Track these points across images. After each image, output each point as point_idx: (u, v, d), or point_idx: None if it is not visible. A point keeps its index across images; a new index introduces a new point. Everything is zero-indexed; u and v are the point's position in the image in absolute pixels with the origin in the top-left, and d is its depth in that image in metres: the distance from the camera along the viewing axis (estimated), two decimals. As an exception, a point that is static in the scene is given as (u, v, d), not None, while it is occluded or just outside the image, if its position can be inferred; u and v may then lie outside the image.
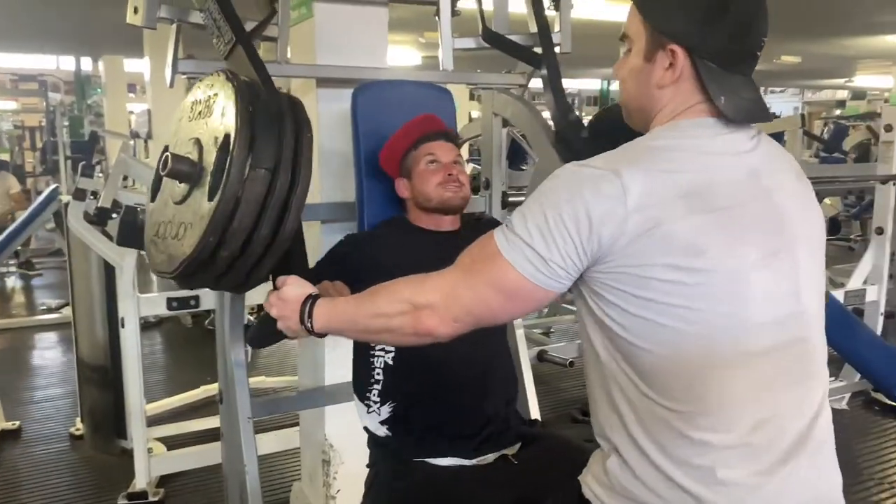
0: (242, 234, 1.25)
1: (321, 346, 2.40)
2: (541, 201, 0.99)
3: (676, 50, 1.02)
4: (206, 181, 1.29)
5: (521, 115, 2.28)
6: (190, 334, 5.32)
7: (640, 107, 1.09)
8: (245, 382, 2.01)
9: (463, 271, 1.06)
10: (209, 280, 1.35)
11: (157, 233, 1.41)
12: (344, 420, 2.44)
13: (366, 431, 1.71)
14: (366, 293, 1.18)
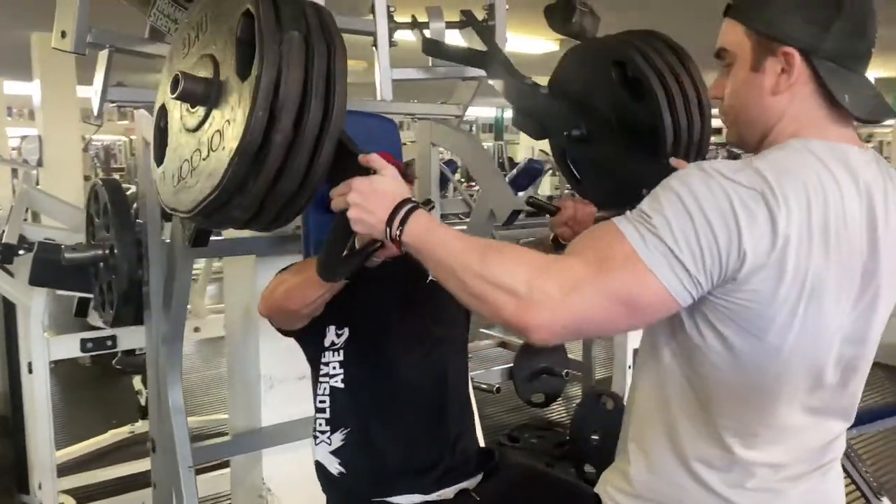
0: (293, 107, 1.10)
1: (257, 386, 2.30)
2: (685, 206, 0.89)
3: (791, 52, 0.98)
4: (230, 85, 1.15)
5: (462, 144, 2.30)
6: (88, 375, 4.98)
7: (751, 120, 1.04)
8: (185, 428, 1.91)
9: (586, 267, 0.92)
10: (259, 189, 1.14)
11: (180, 174, 1.25)
12: (283, 460, 2.35)
13: (318, 470, 1.63)
14: (479, 243, 1.02)
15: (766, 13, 1.00)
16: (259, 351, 2.29)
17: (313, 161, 1.13)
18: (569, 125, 1.68)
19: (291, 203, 1.18)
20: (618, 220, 0.94)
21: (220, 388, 4.48)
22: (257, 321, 2.29)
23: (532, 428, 3.84)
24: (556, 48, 5.44)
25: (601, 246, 0.94)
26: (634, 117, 1.58)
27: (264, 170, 1.11)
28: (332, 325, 1.56)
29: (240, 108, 1.11)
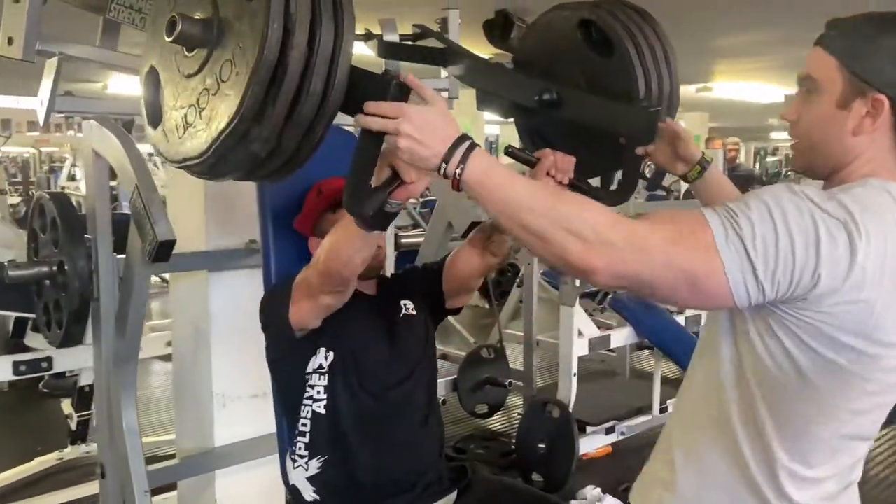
0: (306, 22, 1.06)
1: (208, 405, 2.24)
2: (773, 217, 0.93)
3: (882, 100, 1.01)
4: (235, 15, 1.10)
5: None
6: (5, 401, 4.69)
7: (828, 153, 1.07)
8: (140, 451, 1.84)
9: (663, 237, 0.95)
10: (278, 115, 1.07)
11: (186, 122, 1.18)
12: (237, 480, 2.29)
13: (292, 493, 1.60)
14: (547, 187, 1.04)
15: (866, 55, 1.02)
16: (211, 368, 2.22)
17: (330, 81, 1.08)
18: (537, 90, 1.61)
19: (310, 132, 1.12)
20: (706, 211, 0.97)
21: (158, 409, 4.31)
22: (208, 338, 2.23)
23: (477, 439, 3.85)
24: (491, 63, 5.55)
25: (683, 226, 0.96)
26: (605, 74, 1.57)
27: (282, 91, 1.06)
28: (321, 348, 1.55)
29: (251, 28, 1.07)
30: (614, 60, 1.51)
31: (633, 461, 3.62)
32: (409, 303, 1.71)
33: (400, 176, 1.14)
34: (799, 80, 1.10)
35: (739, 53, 6.13)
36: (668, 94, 1.53)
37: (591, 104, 1.56)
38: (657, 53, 1.52)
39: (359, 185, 1.19)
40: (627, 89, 1.49)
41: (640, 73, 1.49)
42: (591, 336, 3.44)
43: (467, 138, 1.03)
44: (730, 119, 12.34)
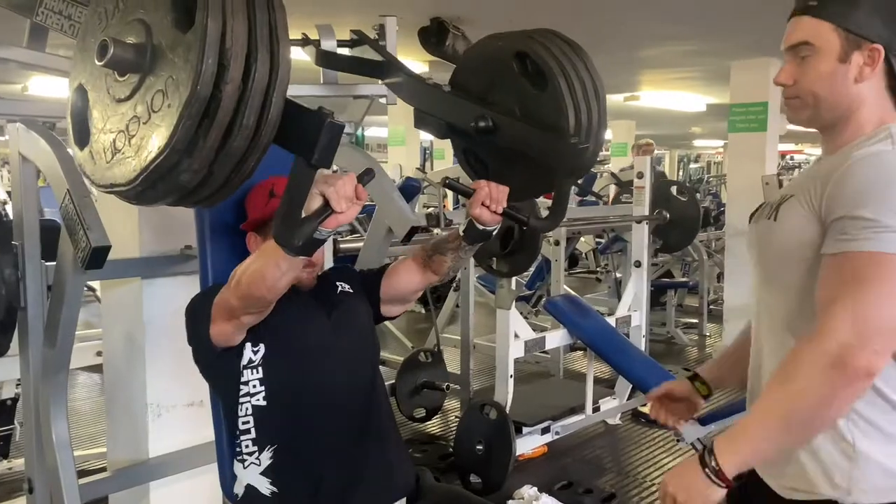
0: (241, 56, 1.05)
1: (142, 415, 2.18)
2: None
3: (878, 48, 1.17)
4: (169, 46, 1.09)
5: (357, 161, 2.31)
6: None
7: (835, 104, 1.21)
8: (72, 465, 1.78)
9: (851, 292, 1.07)
10: (209, 147, 1.08)
11: (114, 148, 1.16)
12: (173, 491, 2.24)
13: (246, 497, 1.57)
14: (762, 405, 1.13)
15: (856, 14, 1.17)
16: (145, 378, 2.17)
17: (263, 115, 1.09)
18: (474, 116, 1.68)
19: (241, 164, 1.13)
20: (876, 246, 1.07)
21: (85, 422, 4.16)
22: (142, 347, 2.18)
23: (416, 443, 3.87)
24: (427, 70, 5.58)
25: (846, 270, 1.09)
26: (538, 105, 1.62)
27: (215, 125, 1.06)
28: (247, 343, 1.54)
29: (185, 61, 1.06)
30: (547, 93, 1.58)
31: (568, 460, 3.74)
32: (345, 284, 1.73)
33: (331, 206, 1.20)
34: (790, 48, 1.23)
35: (664, 64, 6.35)
36: (596, 126, 1.61)
37: (524, 135, 1.63)
38: (587, 87, 1.59)
39: (290, 215, 1.23)
40: (558, 122, 1.56)
41: (570, 108, 1.56)
42: (526, 338, 3.50)
43: (709, 451, 1.12)
44: (655, 127, 12.73)
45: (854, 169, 1.13)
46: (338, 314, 1.67)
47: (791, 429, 1.10)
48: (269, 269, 1.36)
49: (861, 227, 1.08)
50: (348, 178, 1.25)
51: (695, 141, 17.19)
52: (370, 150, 13.61)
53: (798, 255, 1.18)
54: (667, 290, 6.22)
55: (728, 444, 1.11)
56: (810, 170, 1.36)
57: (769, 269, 1.26)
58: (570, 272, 8.68)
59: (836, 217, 1.12)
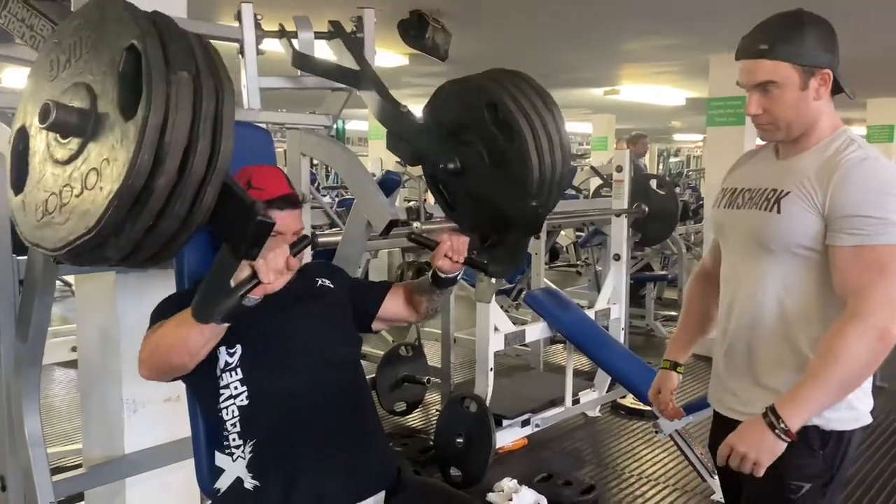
0: (179, 150, 1.06)
1: (118, 411, 2.16)
2: (893, 193, 1.36)
3: (828, 72, 1.45)
4: (111, 120, 1.09)
5: (335, 154, 2.30)
6: None
7: (803, 122, 1.47)
8: (45, 461, 1.76)
9: (880, 278, 1.34)
10: (137, 231, 1.09)
11: (46, 209, 1.15)
12: (149, 487, 2.22)
13: (230, 492, 1.56)
14: (812, 370, 1.37)
15: (805, 51, 1.43)
16: (121, 373, 2.15)
17: (196, 204, 1.12)
18: (443, 158, 1.77)
19: (170, 244, 1.16)
20: (890, 240, 1.35)
21: (62, 418, 4.11)
22: (117, 342, 2.15)
23: (396, 436, 3.86)
24: (406, 63, 5.56)
25: (873, 262, 1.35)
26: (505, 155, 1.72)
27: (144, 213, 1.08)
28: (222, 347, 1.52)
29: (122, 149, 1.06)
30: (514, 146, 1.68)
31: (548, 452, 3.76)
32: (325, 280, 1.73)
33: (258, 276, 1.25)
34: (755, 87, 1.46)
35: (643, 58, 6.37)
36: (559, 177, 1.74)
37: (489, 184, 1.73)
38: (553, 140, 1.70)
39: (214, 294, 1.28)
40: (523, 175, 1.68)
41: (535, 163, 1.68)
42: (506, 332, 3.51)
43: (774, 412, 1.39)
44: (635, 121, 12.79)
45: (851, 175, 1.39)
46: (316, 309, 1.66)
47: (844, 390, 1.38)
48: (193, 337, 1.37)
49: (872, 224, 1.35)
50: (280, 249, 1.28)
51: (675, 135, 17.30)
52: (351, 143, 13.56)
53: (802, 243, 1.43)
54: (646, 283, 6.26)
55: (793, 408, 1.36)
56: (780, 165, 1.53)
57: (770, 252, 1.47)
58: (551, 266, 8.71)
59: (844, 215, 1.37)
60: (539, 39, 5.37)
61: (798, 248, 1.44)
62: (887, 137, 8.79)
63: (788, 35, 1.43)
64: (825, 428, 1.44)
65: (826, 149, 1.45)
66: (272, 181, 1.62)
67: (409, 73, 6.06)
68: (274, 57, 2.37)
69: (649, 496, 3.25)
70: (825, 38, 1.45)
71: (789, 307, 1.47)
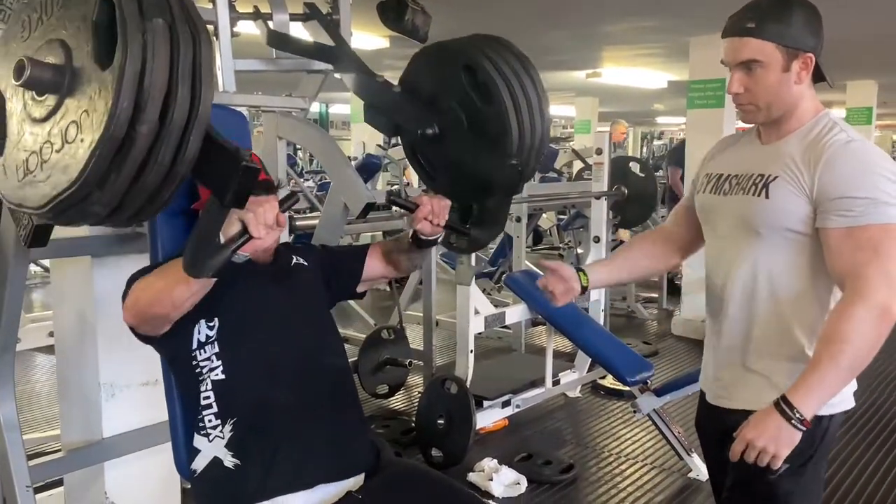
0: (159, 97, 1.04)
1: (95, 395, 2.16)
2: (880, 173, 1.36)
3: (811, 56, 1.45)
4: (87, 73, 1.07)
5: (312, 137, 2.29)
6: None
7: (783, 104, 1.47)
8: (21, 445, 1.77)
9: (875, 258, 1.34)
10: (121, 183, 1.07)
11: (27, 168, 1.14)
12: (128, 471, 2.23)
13: (208, 471, 1.56)
14: (820, 355, 1.35)
15: (791, 32, 1.43)
16: (98, 357, 2.14)
17: (179, 153, 1.10)
18: (422, 124, 1.75)
19: (154, 198, 1.14)
20: (882, 219, 1.35)
21: (43, 404, 4.10)
22: (94, 326, 2.15)
23: (378, 418, 3.88)
24: (387, 45, 5.53)
25: (869, 241, 1.35)
26: (483, 118, 1.69)
27: (127, 163, 1.06)
28: (201, 320, 1.53)
29: (101, 99, 1.05)
30: (493, 108, 1.66)
31: (528, 433, 3.79)
32: (300, 258, 1.73)
33: (248, 231, 1.22)
34: (738, 65, 1.46)
35: (626, 40, 6.38)
36: (539, 140, 1.71)
37: (468, 148, 1.72)
38: (532, 103, 1.68)
39: (203, 247, 1.25)
40: (502, 137, 1.65)
41: (514, 125, 1.65)
42: (486, 314, 3.53)
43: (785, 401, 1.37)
44: (618, 104, 12.81)
45: (838, 158, 1.40)
46: (292, 288, 1.67)
47: (853, 373, 1.38)
48: (179, 289, 1.36)
49: (862, 205, 1.35)
50: (269, 204, 1.27)
51: (658, 118, 17.33)
52: (334, 126, 13.49)
53: (792, 227, 1.44)
54: (628, 265, 6.29)
55: (807, 396, 1.35)
56: (764, 150, 1.53)
57: (759, 238, 1.48)
58: (534, 248, 8.75)
59: (834, 197, 1.38)
60: (519, 21, 5.35)
61: (787, 232, 1.44)
62: (866, 119, 8.86)
63: (776, 15, 1.43)
64: None
65: (809, 132, 1.46)
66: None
67: (390, 56, 6.02)
68: (249, 39, 2.35)
69: (628, 474, 3.29)
70: (811, 22, 1.45)
71: (781, 291, 1.47)
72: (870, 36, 5.80)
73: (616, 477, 3.27)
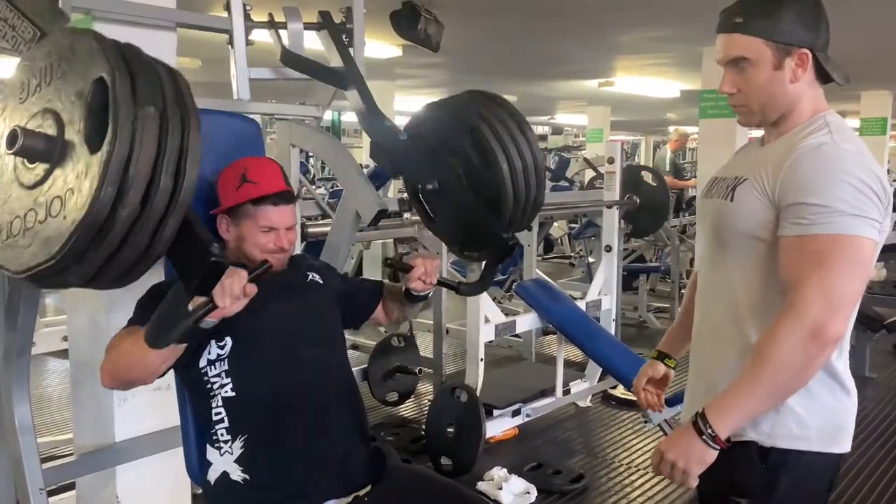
0: (142, 183, 1.08)
1: (108, 400, 2.18)
2: (842, 179, 1.22)
3: (806, 52, 1.32)
4: (76, 150, 1.11)
5: (324, 145, 2.31)
6: None
7: (777, 104, 1.36)
8: (35, 449, 1.78)
9: (817, 270, 1.22)
10: (99, 259, 1.12)
11: (10, 230, 1.18)
12: (139, 475, 2.24)
13: (218, 484, 1.57)
14: (743, 371, 1.25)
15: (779, 26, 1.31)
16: (111, 362, 2.16)
17: (156, 236, 1.14)
18: (423, 177, 1.84)
19: (129, 273, 1.19)
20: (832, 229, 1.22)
21: (55, 408, 4.13)
22: (107, 330, 2.16)
23: (388, 426, 3.89)
24: (400, 54, 5.56)
25: (807, 252, 1.24)
26: (482, 179, 1.78)
27: (105, 242, 1.10)
28: (211, 341, 1.54)
29: (86, 180, 1.09)
30: (491, 171, 1.75)
31: (538, 442, 3.78)
32: (315, 275, 1.75)
33: (213, 301, 1.26)
34: (728, 63, 1.37)
35: (638, 50, 6.38)
36: (533, 201, 1.81)
37: (466, 208, 1.81)
38: (528, 166, 1.77)
39: (166, 323, 1.30)
40: (498, 200, 1.76)
41: (510, 190, 1.76)
42: (496, 322, 3.53)
43: (701, 417, 1.27)
44: (631, 113, 12.80)
45: (801, 160, 1.28)
46: (304, 305, 1.68)
47: (775, 394, 1.25)
48: (151, 358, 1.38)
49: (815, 212, 1.22)
50: (237, 276, 1.29)
51: (670, 127, 17.30)
52: (346, 134, 13.54)
53: (754, 233, 1.33)
54: (639, 274, 6.29)
55: (721, 412, 1.25)
56: (758, 152, 1.45)
57: (725, 243, 1.39)
58: (545, 257, 8.74)
59: (790, 203, 1.26)
60: (533, 31, 5.37)
61: (748, 238, 1.33)
62: (880, 130, 8.82)
63: (764, 9, 1.32)
64: (763, 444, 1.32)
65: (798, 134, 1.34)
66: (268, 176, 1.62)
67: (403, 64, 6.05)
68: (263, 47, 2.37)
69: (638, 484, 3.28)
70: (805, 15, 1.33)
71: (740, 301, 1.36)
72: (883, 45, 5.78)
73: (626, 487, 3.26)
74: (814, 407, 1.31)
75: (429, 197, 1.91)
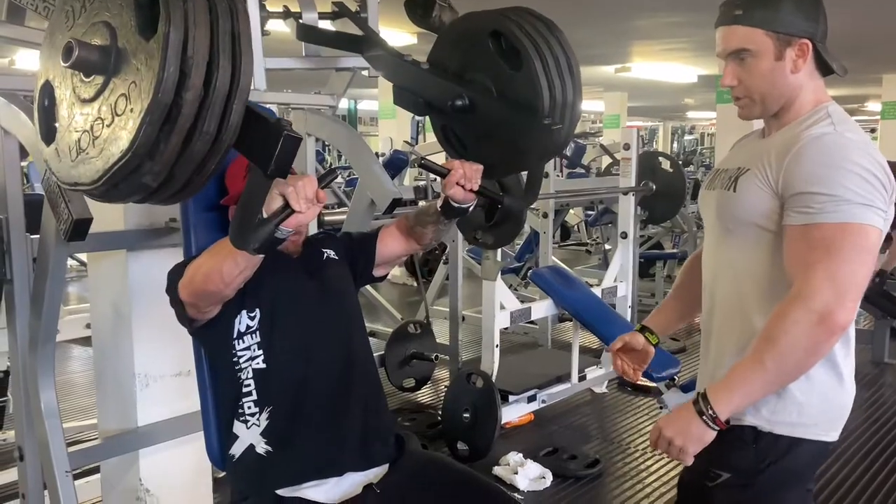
0: (202, 64, 1.08)
1: (130, 385, 2.22)
2: (848, 168, 1.24)
3: (807, 42, 1.35)
4: (133, 50, 1.11)
5: (339, 134, 2.33)
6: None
7: (779, 95, 1.38)
8: (60, 432, 1.83)
9: (825, 258, 1.23)
10: (171, 152, 1.12)
11: (79, 147, 1.18)
12: (161, 458, 2.29)
13: (242, 458, 1.60)
14: (754, 358, 1.26)
15: (780, 17, 1.33)
16: (133, 348, 2.20)
17: (224, 122, 1.12)
18: (451, 96, 1.70)
19: (201, 168, 1.17)
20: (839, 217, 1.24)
21: (79, 393, 4.21)
22: (129, 317, 2.21)
23: (405, 412, 3.93)
24: (414, 41, 5.56)
25: (814, 239, 1.25)
26: (513, 85, 1.65)
27: (176, 130, 1.09)
28: (243, 311, 1.58)
29: (148, 68, 1.09)
30: (522, 73, 1.60)
31: (554, 428, 3.81)
32: (331, 251, 1.77)
33: (290, 205, 1.25)
34: (728, 55, 1.38)
35: (655, 35, 6.33)
36: (570, 103, 1.64)
37: (500, 116, 1.66)
38: (561, 65, 1.61)
39: (246, 220, 1.28)
40: (534, 102, 1.59)
41: (545, 87, 1.58)
42: (512, 309, 3.55)
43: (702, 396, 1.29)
44: (648, 99, 12.71)
45: (806, 150, 1.29)
46: (325, 281, 1.71)
47: (780, 377, 1.27)
48: (227, 265, 1.40)
49: (821, 201, 1.25)
50: (309, 179, 1.29)
51: (688, 112, 17.15)
52: (362, 123, 13.58)
53: (757, 222, 1.35)
54: (656, 261, 6.27)
55: (723, 393, 1.27)
56: (759, 144, 1.46)
57: (729, 232, 1.41)
58: (562, 244, 8.73)
59: (795, 193, 1.29)
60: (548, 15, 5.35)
61: (752, 228, 1.36)
62: (902, 113, 8.68)
63: (764, 0, 1.34)
64: (762, 429, 1.34)
65: (799, 125, 1.36)
66: None
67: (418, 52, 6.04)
68: (279, 38, 2.39)
69: (653, 469, 3.29)
70: (805, 5, 1.35)
71: (746, 291, 1.38)
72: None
73: (642, 472, 3.27)
74: (812, 395, 1.33)
75: (459, 127, 1.81)
